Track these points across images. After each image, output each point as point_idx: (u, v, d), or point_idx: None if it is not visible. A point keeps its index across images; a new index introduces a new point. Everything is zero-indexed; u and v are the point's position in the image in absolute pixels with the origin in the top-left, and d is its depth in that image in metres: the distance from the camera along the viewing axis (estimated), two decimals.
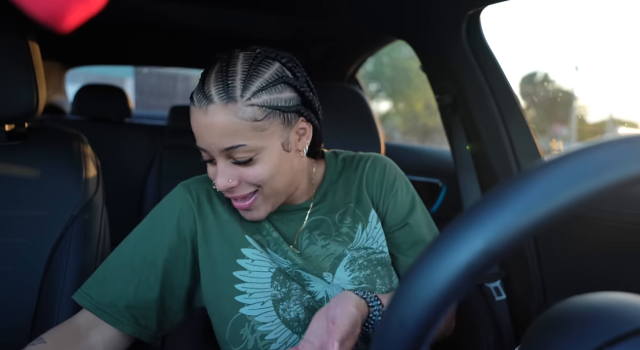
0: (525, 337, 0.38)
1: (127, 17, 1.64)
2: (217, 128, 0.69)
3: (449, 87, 1.35)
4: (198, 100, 0.70)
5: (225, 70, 0.70)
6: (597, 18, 16.61)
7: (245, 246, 0.79)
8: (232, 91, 0.68)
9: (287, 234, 0.83)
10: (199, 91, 0.70)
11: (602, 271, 1.05)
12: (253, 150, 0.71)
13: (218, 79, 0.69)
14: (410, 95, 12.90)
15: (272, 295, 0.76)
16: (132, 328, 0.76)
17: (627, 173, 0.26)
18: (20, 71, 0.91)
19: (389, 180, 0.87)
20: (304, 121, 0.77)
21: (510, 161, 1.24)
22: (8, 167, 0.95)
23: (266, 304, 0.75)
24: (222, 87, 0.68)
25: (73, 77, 3.01)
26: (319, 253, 0.81)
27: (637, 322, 0.32)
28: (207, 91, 0.69)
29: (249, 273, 0.77)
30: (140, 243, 0.80)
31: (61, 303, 0.92)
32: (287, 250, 0.80)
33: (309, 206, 0.85)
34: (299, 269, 0.79)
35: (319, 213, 0.85)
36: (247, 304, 0.75)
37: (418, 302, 0.28)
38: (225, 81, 0.69)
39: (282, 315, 0.75)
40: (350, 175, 0.88)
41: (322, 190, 0.87)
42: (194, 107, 0.70)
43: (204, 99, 0.69)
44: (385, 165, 0.88)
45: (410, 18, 1.34)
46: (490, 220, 0.26)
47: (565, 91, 9.54)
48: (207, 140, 0.71)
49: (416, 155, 2.09)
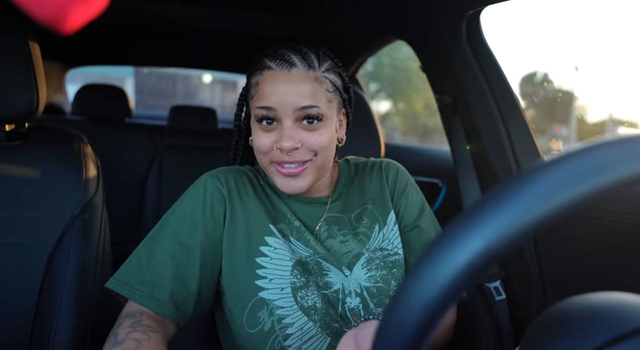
0: (525, 337, 0.38)
1: (128, 18, 1.64)
2: (299, 88, 0.77)
3: (449, 87, 1.35)
4: (279, 64, 0.78)
5: (297, 47, 0.81)
6: (597, 18, 16.60)
7: (269, 235, 0.82)
8: (311, 62, 0.79)
9: (307, 223, 0.87)
10: (277, 57, 0.78)
11: (601, 271, 1.05)
12: (322, 114, 0.78)
13: (295, 50, 0.79)
14: (410, 95, 12.90)
15: (291, 282, 0.79)
16: (173, 314, 0.76)
17: (627, 173, 0.27)
18: (21, 71, 0.91)
19: (401, 183, 0.94)
20: (343, 113, 0.87)
21: (510, 161, 1.24)
22: (8, 167, 0.95)
23: (285, 290, 0.78)
24: (302, 57, 0.79)
25: (73, 77, 3.01)
26: (337, 248, 0.85)
27: (636, 322, 0.32)
28: (288, 58, 0.78)
29: (271, 260, 0.80)
30: (174, 230, 0.80)
31: (61, 302, 0.92)
32: (309, 239, 0.84)
33: (328, 201, 0.90)
34: (319, 258, 0.82)
35: (335, 210, 0.89)
36: (267, 288, 0.78)
37: (418, 302, 0.28)
38: (303, 54, 0.79)
39: (300, 302, 0.78)
40: (364, 178, 0.94)
41: (337, 190, 0.92)
42: (273, 70, 0.78)
43: (286, 63, 0.78)
44: (398, 169, 0.96)
45: (410, 18, 1.34)
46: (490, 220, 0.26)
47: (565, 91, 9.54)
48: (285, 99, 0.77)
49: (416, 155, 2.09)
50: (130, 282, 0.77)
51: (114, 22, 1.69)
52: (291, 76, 0.77)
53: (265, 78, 0.78)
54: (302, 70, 0.78)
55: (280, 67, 0.78)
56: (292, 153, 0.78)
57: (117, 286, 0.77)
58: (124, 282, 0.77)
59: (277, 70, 0.78)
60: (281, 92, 0.77)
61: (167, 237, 0.79)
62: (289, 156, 0.78)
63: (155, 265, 0.77)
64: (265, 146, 0.79)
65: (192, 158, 2.28)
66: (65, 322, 0.90)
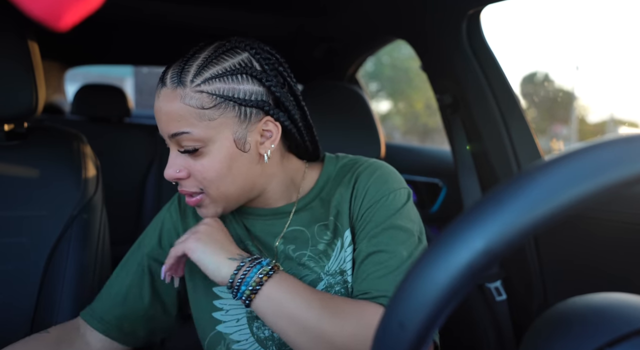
0: (526, 337, 0.38)
1: (127, 17, 1.64)
2: (163, 112, 0.67)
3: (449, 86, 1.35)
4: (157, 83, 0.69)
5: (191, 56, 0.68)
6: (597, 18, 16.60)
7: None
8: (185, 76, 0.66)
9: (266, 243, 0.77)
10: (161, 74, 0.69)
11: (602, 271, 1.05)
12: (199, 140, 0.66)
13: (179, 63, 0.68)
14: (410, 95, 12.91)
15: (247, 312, 0.74)
16: (118, 336, 0.79)
17: (628, 173, 0.26)
18: (20, 71, 0.91)
19: (370, 194, 0.73)
20: (271, 121, 0.70)
21: (510, 161, 1.24)
22: (7, 167, 0.95)
23: (241, 322, 0.74)
24: (177, 72, 0.67)
25: (73, 77, 3.01)
26: (295, 271, 0.74)
27: (637, 323, 0.32)
28: (164, 75, 0.68)
29: (227, 289, 0.74)
30: (132, 252, 0.82)
31: (61, 302, 0.92)
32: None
33: (291, 210, 0.76)
34: None
35: (299, 223, 0.76)
36: (224, 321, 0.74)
37: (418, 303, 0.27)
38: (183, 66, 0.67)
39: (256, 333, 0.73)
40: (336, 185, 0.77)
41: (307, 198, 0.77)
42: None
43: (160, 82, 0.68)
44: (371, 176, 0.75)
45: (410, 17, 1.34)
46: (491, 220, 0.26)
47: (565, 91, 9.54)
48: (159, 125, 0.69)
49: (416, 155, 2.08)
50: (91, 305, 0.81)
51: (113, 21, 1.69)
52: (160, 97, 0.67)
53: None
54: (169, 90, 0.66)
55: (157, 86, 0.69)
56: (180, 183, 0.70)
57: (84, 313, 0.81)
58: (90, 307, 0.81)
59: (156, 89, 0.69)
60: (156, 116, 0.69)
61: (126, 258, 0.82)
62: (180, 186, 0.71)
63: (111, 287, 0.80)
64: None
65: None
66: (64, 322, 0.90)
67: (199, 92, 0.65)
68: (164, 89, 0.67)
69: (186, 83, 0.65)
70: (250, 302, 0.64)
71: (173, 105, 0.66)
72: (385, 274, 0.67)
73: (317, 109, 1.37)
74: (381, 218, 0.72)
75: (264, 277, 0.63)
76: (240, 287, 0.63)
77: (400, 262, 0.68)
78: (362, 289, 0.68)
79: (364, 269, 0.69)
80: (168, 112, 0.66)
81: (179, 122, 0.66)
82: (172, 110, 0.66)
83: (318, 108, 1.37)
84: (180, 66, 0.67)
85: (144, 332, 0.80)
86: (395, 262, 0.68)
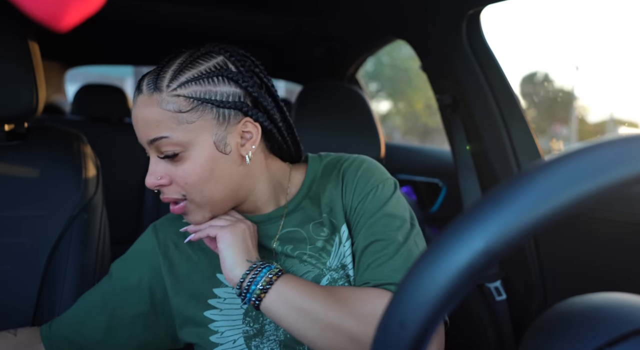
0: (526, 337, 0.38)
1: (128, 17, 1.64)
2: (141, 118, 0.67)
3: (449, 86, 1.35)
4: (134, 91, 0.69)
5: (166, 62, 0.69)
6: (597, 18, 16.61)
7: (217, 286, 0.75)
8: (161, 81, 0.66)
9: (263, 246, 0.76)
10: (137, 83, 0.70)
11: (602, 271, 1.05)
12: (178, 144, 0.66)
13: (154, 70, 0.68)
14: (410, 95, 12.91)
15: (243, 332, 0.73)
16: None
17: (628, 173, 0.26)
18: (20, 71, 0.91)
19: (360, 187, 0.75)
20: (250, 122, 0.70)
21: (510, 161, 1.24)
22: (7, 167, 0.95)
23: (238, 342, 0.73)
24: (153, 78, 0.67)
25: (73, 77, 3.01)
26: (297, 268, 0.74)
27: (637, 323, 0.32)
28: (140, 82, 0.68)
29: (221, 311, 0.74)
30: (103, 282, 0.81)
31: (61, 303, 0.92)
32: None
33: (282, 214, 0.77)
34: None
35: (292, 223, 0.76)
36: (220, 343, 0.73)
37: (418, 303, 0.27)
38: (159, 72, 0.67)
39: None
40: (324, 183, 0.78)
41: (296, 199, 0.77)
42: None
43: (136, 90, 0.68)
44: (358, 170, 0.76)
45: (410, 18, 1.34)
46: (491, 220, 0.26)
47: (565, 91, 9.54)
48: (137, 131, 0.69)
49: (416, 155, 2.09)
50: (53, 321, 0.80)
51: (113, 21, 1.69)
52: (137, 104, 0.68)
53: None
54: (145, 96, 0.66)
55: (134, 93, 0.69)
56: (162, 190, 0.69)
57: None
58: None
59: (134, 97, 0.69)
60: (134, 123, 0.69)
61: (97, 285, 0.81)
62: (162, 194, 0.70)
63: (74, 311, 0.79)
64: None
65: None
66: None
67: (175, 96, 0.66)
68: (140, 96, 0.67)
69: (162, 88, 0.66)
70: (259, 302, 0.65)
71: (150, 111, 0.66)
72: (385, 261, 0.69)
73: (317, 109, 1.37)
74: (373, 209, 0.73)
75: (273, 276, 0.65)
76: (250, 287, 0.65)
77: (398, 247, 0.70)
78: (364, 279, 0.70)
79: (364, 260, 0.71)
80: (146, 118, 0.66)
81: (157, 127, 0.66)
82: (150, 115, 0.66)
83: (318, 108, 1.37)
84: (156, 73, 0.68)
85: None
86: (393, 248, 0.69)
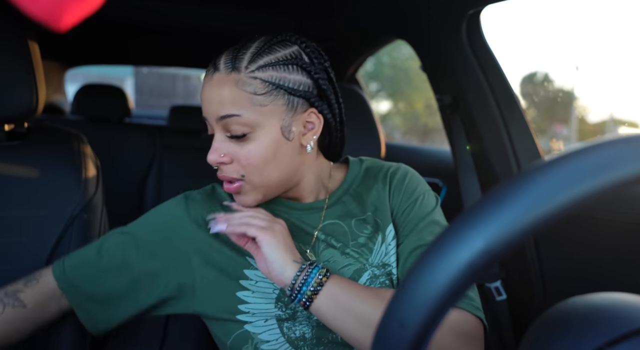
0: (526, 337, 0.38)
1: (127, 17, 1.64)
2: (216, 95, 0.68)
3: (449, 86, 1.35)
4: (208, 68, 0.71)
5: (243, 44, 0.71)
6: (597, 18, 16.61)
7: (247, 267, 0.75)
8: (239, 62, 0.68)
9: (301, 233, 0.77)
10: (212, 61, 0.71)
11: (602, 271, 1.05)
12: (248, 124, 0.68)
13: (232, 51, 0.70)
14: (410, 95, 12.90)
15: (276, 315, 0.73)
16: (84, 317, 0.77)
17: (627, 173, 0.26)
18: (20, 71, 0.91)
19: (408, 191, 0.80)
20: (315, 113, 0.72)
21: (510, 161, 1.24)
22: (7, 167, 0.95)
23: (269, 322, 0.73)
24: (231, 58, 0.69)
25: (73, 77, 3.02)
26: (337, 259, 0.75)
27: (637, 323, 0.32)
28: (218, 61, 0.70)
29: (252, 293, 0.74)
30: (128, 243, 0.78)
31: None
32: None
33: (323, 205, 0.79)
34: None
35: (333, 216, 0.78)
36: (250, 321, 0.73)
37: (418, 302, 0.27)
38: (237, 53, 0.69)
39: (287, 334, 0.72)
40: (370, 184, 0.81)
41: (336, 195, 0.80)
42: (206, 75, 0.72)
43: (212, 67, 0.70)
44: (405, 176, 0.82)
45: (410, 18, 1.34)
46: (491, 220, 0.26)
47: (565, 91, 9.54)
48: (207, 108, 0.70)
49: (416, 155, 2.09)
50: (68, 272, 0.77)
51: (113, 21, 1.69)
52: (212, 82, 0.69)
53: (203, 84, 0.73)
54: (223, 74, 0.68)
55: (207, 71, 0.71)
56: (221, 168, 0.71)
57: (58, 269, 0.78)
58: (65, 269, 0.78)
59: (207, 75, 0.71)
60: (205, 99, 0.70)
61: (120, 245, 0.78)
62: (220, 171, 0.72)
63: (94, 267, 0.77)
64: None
65: (192, 158, 2.28)
66: (65, 323, 0.90)
67: (252, 78, 0.68)
68: (217, 74, 0.69)
69: (241, 69, 0.68)
70: (310, 304, 0.65)
71: (227, 89, 0.68)
72: None
73: None
74: (422, 214, 0.77)
75: (322, 277, 0.65)
76: (301, 288, 0.65)
77: None
78: None
79: (410, 261, 0.74)
80: (221, 95, 0.68)
81: (231, 105, 0.67)
82: (226, 93, 0.68)
83: None
84: (234, 54, 0.69)
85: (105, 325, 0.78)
86: None
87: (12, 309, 0.74)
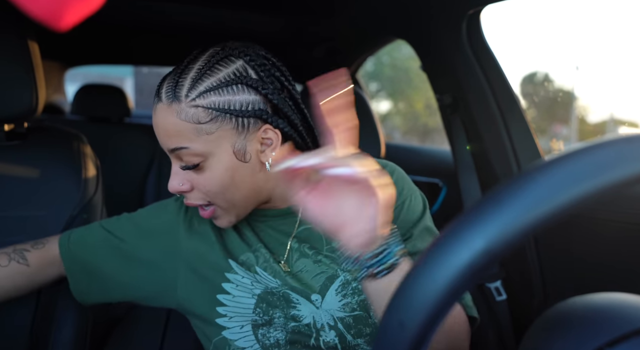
0: (526, 337, 0.38)
1: (127, 17, 1.64)
2: (161, 127, 0.67)
3: (449, 86, 1.35)
4: (154, 96, 0.68)
5: (185, 66, 0.67)
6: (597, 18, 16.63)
7: (229, 271, 0.75)
8: (179, 90, 0.65)
9: (276, 244, 0.76)
10: (157, 87, 0.68)
11: (603, 271, 1.05)
12: (199, 155, 0.66)
13: (174, 76, 0.67)
14: (410, 95, 12.90)
15: (252, 320, 0.73)
16: (75, 287, 0.81)
17: (627, 173, 0.26)
18: (20, 71, 0.91)
19: (396, 191, 0.72)
20: (270, 129, 0.68)
21: (510, 161, 1.24)
22: (7, 167, 0.95)
23: (245, 328, 0.73)
24: (171, 86, 0.66)
25: (73, 77, 3.01)
26: (310, 268, 0.74)
27: (637, 323, 0.32)
28: (160, 88, 0.67)
29: (233, 297, 0.74)
30: (132, 232, 0.81)
31: (61, 303, 0.92)
32: (278, 270, 0.74)
33: (299, 210, 0.76)
34: (287, 290, 0.73)
35: (307, 222, 0.76)
36: (228, 327, 0.73)
37: (418, 302, 0.27)
38: (177, 79, 0.66)
39: (262, 340, 0.72)
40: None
41: None
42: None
43: (156, 96, 0.67)
44: (392, 175, 0.76)
45: (410, 18, 1.34)
46: (491, 220, 0.26)
47: (565, 91, 9.53)
48: (159, 139, 0.69)
49: (416, 155, 2.08)
50: (72, 246, 0.81)
51: (113, 21, 1.69)
52: (157, 112, 0.67)
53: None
54: (165, 105, 0.65)
55: (154, 100, 0.68)
56: (185, 195, 0.71)
57: (64, 241, 0.82)
58: (70, 243, 0.81)
59: (153, 103, 0.68)
60: (155, 130, 0.68)
61: (127, 232, 0.81)
62: (185, 199, 0.71)
63: (98, 247, 0.80)
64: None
65: None
66: (65, 323, 0.90)
67: (194, 107, 0.64)
68: (159, 104, 0.66)
69: (181, 98, 0.64)
70: (387, 273, 0.55)
71: (169, 121, 0.65)
72: None
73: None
74: (411, 219, 0.74)
75: (404, 250, 0.57)
76: (384, 257, 0.55)
77: None
78: None
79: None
80: (166, 128, 0.66)
81: (177, 137, 0.66)
82: (169, 125, 0.65)
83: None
84: (175, 80, 0.66)
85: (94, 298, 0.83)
86: None
87: (16, 265, 0.78)
